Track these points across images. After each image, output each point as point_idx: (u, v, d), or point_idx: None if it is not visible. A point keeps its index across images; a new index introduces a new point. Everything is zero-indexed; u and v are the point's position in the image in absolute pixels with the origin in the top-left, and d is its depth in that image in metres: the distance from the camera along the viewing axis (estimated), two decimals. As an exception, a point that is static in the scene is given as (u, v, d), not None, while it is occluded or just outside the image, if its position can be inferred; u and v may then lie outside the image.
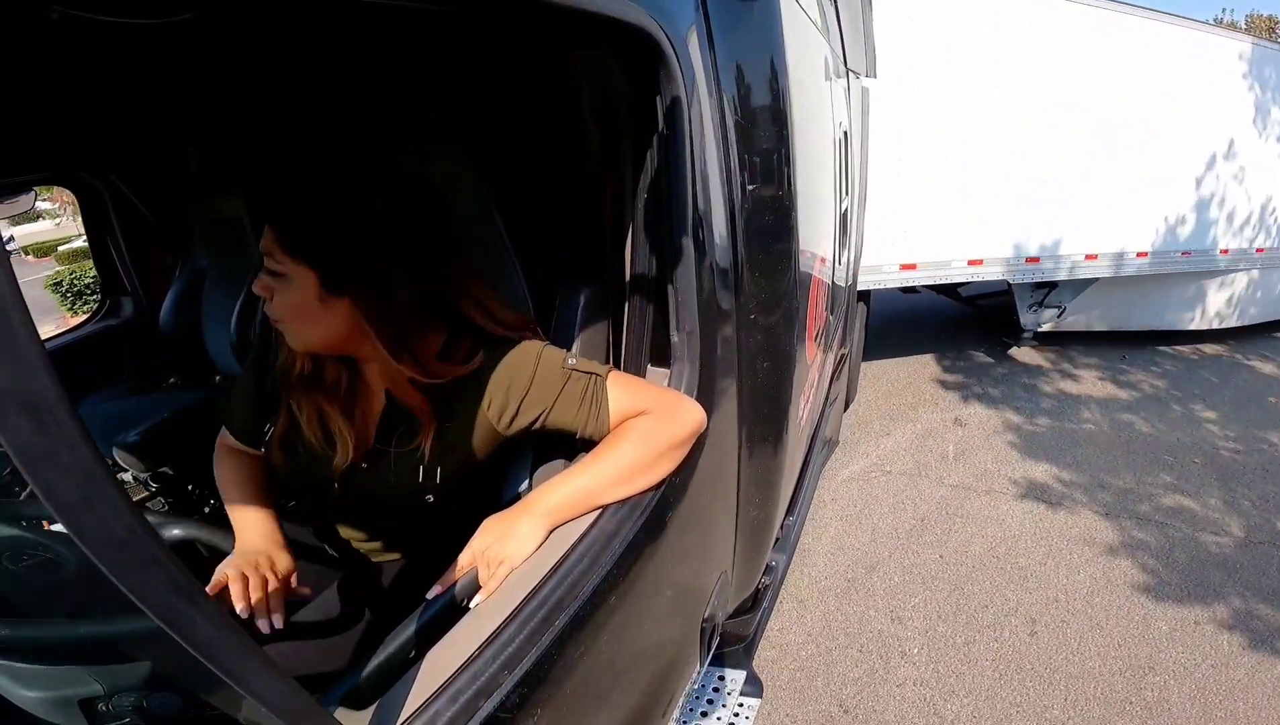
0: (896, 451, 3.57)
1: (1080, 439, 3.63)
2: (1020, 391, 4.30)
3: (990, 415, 3.95)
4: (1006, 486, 3.17)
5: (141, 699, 0.65)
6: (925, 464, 3.42)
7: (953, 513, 2.96)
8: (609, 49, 0.89)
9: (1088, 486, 3.15)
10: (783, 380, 1.23)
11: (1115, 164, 4.20)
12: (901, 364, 4.84)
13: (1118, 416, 3.90)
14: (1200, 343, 5.11)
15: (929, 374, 4.64)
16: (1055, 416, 3.92)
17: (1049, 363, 4.75)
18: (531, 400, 0.89)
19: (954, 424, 3.85)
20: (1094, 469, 3.31)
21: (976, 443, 3.61)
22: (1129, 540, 2.73)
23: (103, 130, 1.85)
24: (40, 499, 0.31)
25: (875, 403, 4.20)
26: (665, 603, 0.98)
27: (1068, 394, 4.24)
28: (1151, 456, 3.42)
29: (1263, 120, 4.53)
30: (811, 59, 1.56)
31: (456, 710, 0.60)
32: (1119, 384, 4.39)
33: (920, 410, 4.09)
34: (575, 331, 1.05)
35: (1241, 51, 4.38)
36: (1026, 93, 3.95)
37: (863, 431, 3.79)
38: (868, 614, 2.33)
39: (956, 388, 4.38)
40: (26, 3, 0.71)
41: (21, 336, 0.29)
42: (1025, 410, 4.00)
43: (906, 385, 4.46)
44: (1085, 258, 4.36)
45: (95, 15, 0.82)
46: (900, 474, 3.31)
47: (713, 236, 0.95)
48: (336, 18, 1.10)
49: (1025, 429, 3.76)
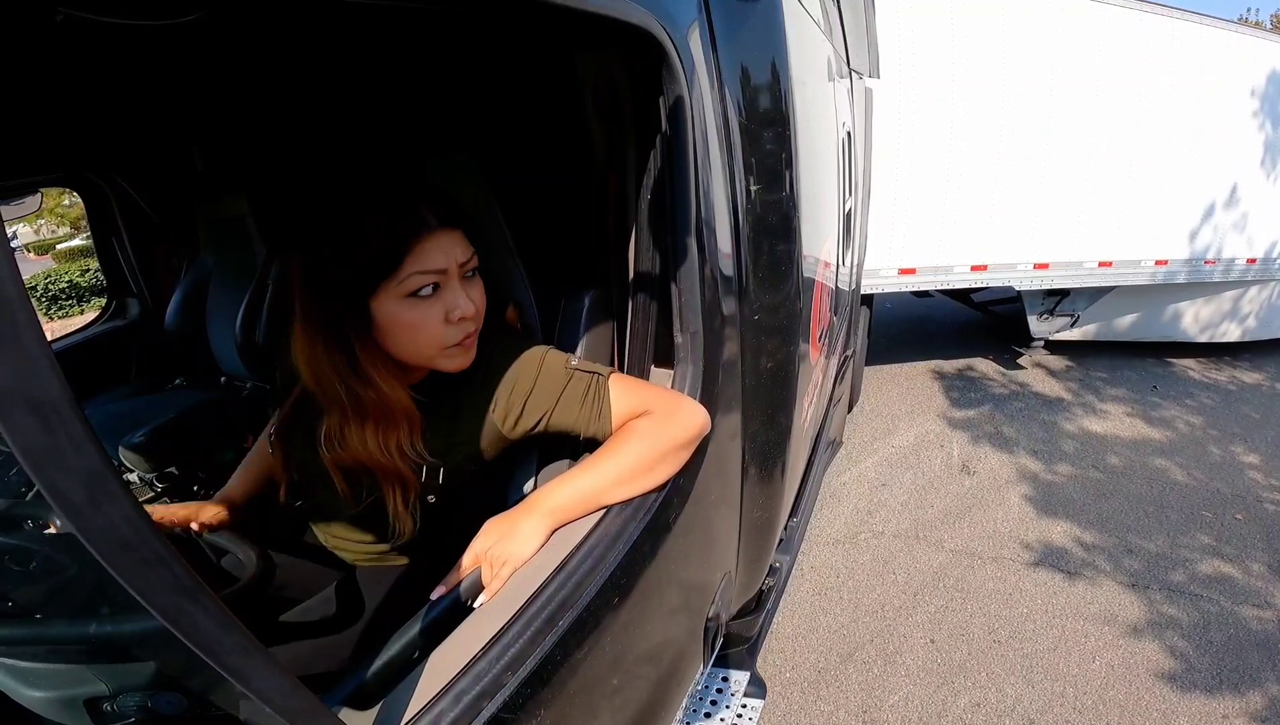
0: (890, 505, 3.07)
1: (1106, 491, 3.13)
2: (1038, 430, 3.76)
3: (1003, 461, 3.42)
4: (1018, 552, 2.71)
5: (146, 699, 0.65)
6: (923, 522, 2.93)
7: (951, 585, 2.52)
8: (612, 50, 0.89)
9: (1113, 551, 2.70)
10: (786, 381, 1.23)
11: (1133, 168, 3.99)
12: (905, 386, 4.38)
13: (1149, 462, 3.38)
14: (1237, 368, 4.63)
15: (935, 406, 4.09)
16: (1078, 462, 3.40)
17: (1070, 394, 4.23)
18: (535, 402, 0.90)
19: (960, 472, 3.33)
20: (1121, 528, 2.85)
21: (986, 495, 3.12)
22: (1157, 617, 2.32)
23: (108, 132, 1.86)
24: (46, 499, 0.31)
25: (868, 442, 3.65)
26: (669, 603, 0.98)
27: (1092, 434, 3.69)
28: (1188, 512, 2.95)
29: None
30: (814, 59, 1.55)
31: (460, 711, 0.60)
32: (1150, 421, 3.85)
33: (922, 453, 3.54)
34: (580, 333, 1.05)
35: (1272, 52, 4.14)
36: (1036, 92, 3.79)
37: (853, 480, 3.26)
38: (835, 715, 1.98)
39: (965, 425, 3.83)
40: (32, 5, 0.71)
41: (28, 337, 0.29)
42: (1044, 454, 3.48)
43: (908, 417, 3.95)
44: (1099, 265, 4.13)
45: (101, 17, 0.82)
46: (893, 535, 2.84)
47: (716, 237, 0.95)
48: (340, 19, 1.10)
49: (1043, 478, 3.24)
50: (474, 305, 0.86)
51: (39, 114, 1.47)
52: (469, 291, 0.87)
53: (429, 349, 0.86)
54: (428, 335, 0.85)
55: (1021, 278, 4.09)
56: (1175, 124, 4.00)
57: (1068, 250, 4.08)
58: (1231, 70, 4.06)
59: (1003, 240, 3.99)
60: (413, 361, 0.89)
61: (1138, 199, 4.07)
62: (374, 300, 0.83)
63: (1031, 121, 3.84)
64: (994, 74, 3.76)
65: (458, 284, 0.85)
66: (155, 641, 0.65)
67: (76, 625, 0.67)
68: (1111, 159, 3.97)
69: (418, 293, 0.83)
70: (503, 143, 1.28)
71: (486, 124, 1.37)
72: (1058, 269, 4.10)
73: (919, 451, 3.57)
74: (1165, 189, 4.09)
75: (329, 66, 1.41)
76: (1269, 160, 4.25)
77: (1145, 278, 4.26)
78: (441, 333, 0.85)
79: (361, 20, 1.10)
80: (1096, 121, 3.89)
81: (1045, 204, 3.97)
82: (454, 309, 0.85)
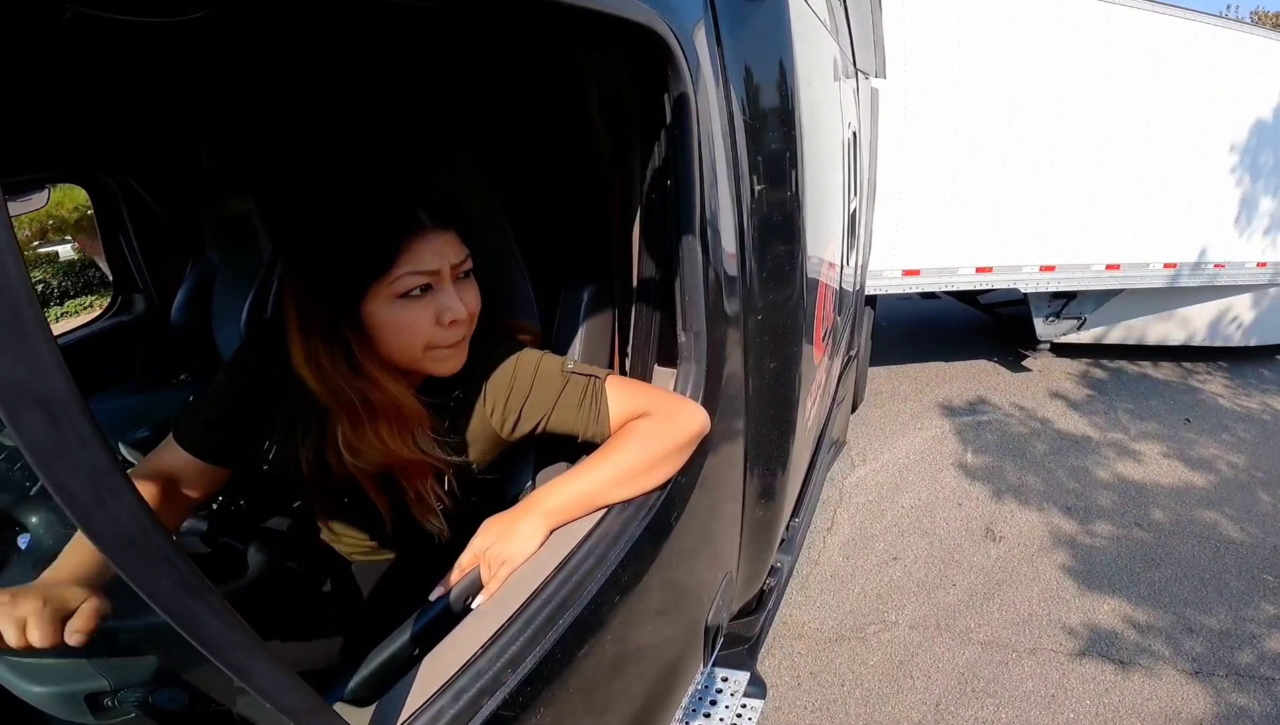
0: (903, 587, 2.49)
1: (1155, 555, 2.70)
2: (1067, 478, 3.27)
3: (1032, 521, 2.92)
4: (1059, 639, 2.25)
5: (147, 694, 0.66)
6: (944, 607, 2.39)
7: (983, 689, 2.04)
8: (616, 49, 0.89)
9: (1170, 630, 2.29)
10: (790, 380, 1.23)
11: (1142, 170, 3.96)
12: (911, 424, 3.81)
13: (1198, 516, 2.98)
14: (1266, 393, 4.35)
15: (946, 452, 3.48)
16: (1118, 519, 2.94)
17: (1097, 431, 3.77)
18: (532, 406, 0.90)
19: (984, 537, 2.80)
20: (1177, 600, 2.44)
21: (1016, 567, 2.62)
22: (1227, 710, 1.98)
23: (115, 128, 1.87)
24: (52, 495, 0.31)
25: (874, 503, 3.04)
26: (669, 603, 0.98)
27: (1130, 482, 3.24)
28: (1248, 577, 2.57)
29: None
30: (820, 59, 1.55)
31: (460, 708, 0.61)
32: (1190, 463, 3.43)
33: (936, 514, 2.94)
34: (578, 329, 1.06)
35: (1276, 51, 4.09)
36: (1044, 93, 3.76)
37: (857, 554, 2.67)
38: None
39: (983, 476, 3.27)
40: (40, 2, 0.72)
41: (34, 334, 0.30)
42: (1078, 511, 2.99)
43: (916, 466, 3.34)
44: (1106, 268, 4.09)
45: (108, 14, 0.82)
46: (909, 626, 2.30)
47: (720, 237, 0.95)
48: (346, 17, 1.11)
49: (1081, 542, 2.77)
50: (466, 308, 0.85)
51: (46, 110, 1.47)
52: (463, 294, 0.85)
53: (417, 351, 0.85)
54: (417, 336, 0.84)
55: (1027, 280, 4.05)
56: (1184, 126, 3.96)
57: (1074, 252, 4.04)
58: (1242, 72, 4.01)
59: (1008, 242, 3.96)
60: (401, 363, 0.87)
61: (1146, 202, 4.03)
62: (366, 301, 0.82)
63: (1039, 123, 3.81)
64: (1002, 75, 3.73)
65: (450, 286, 0.84)
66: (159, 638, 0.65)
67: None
68: (1119, 161, 3.93)
69: (409, 293, 0.82)
70: (506, 141, 1.28)
71: (490, 122, 1.37)
72: (1064, 271, 4.06)
73: (932, 512, 2.99)
74: (1174, 192, 4.06)
75: (334, 65, 1.42)
76: (1277, 162, 4.21)
77: (1154, 281, 4.22)
78: (431, 334, 0.84)
79: (366, 19, 1.11)
80: (1105, 123, 3.86)
81: (1052, 206, 3.93)
82: (445, 311, 0.83)
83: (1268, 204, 4.29)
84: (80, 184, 2.28)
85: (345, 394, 0.85)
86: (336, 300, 0.82)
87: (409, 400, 0.87)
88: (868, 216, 3.32)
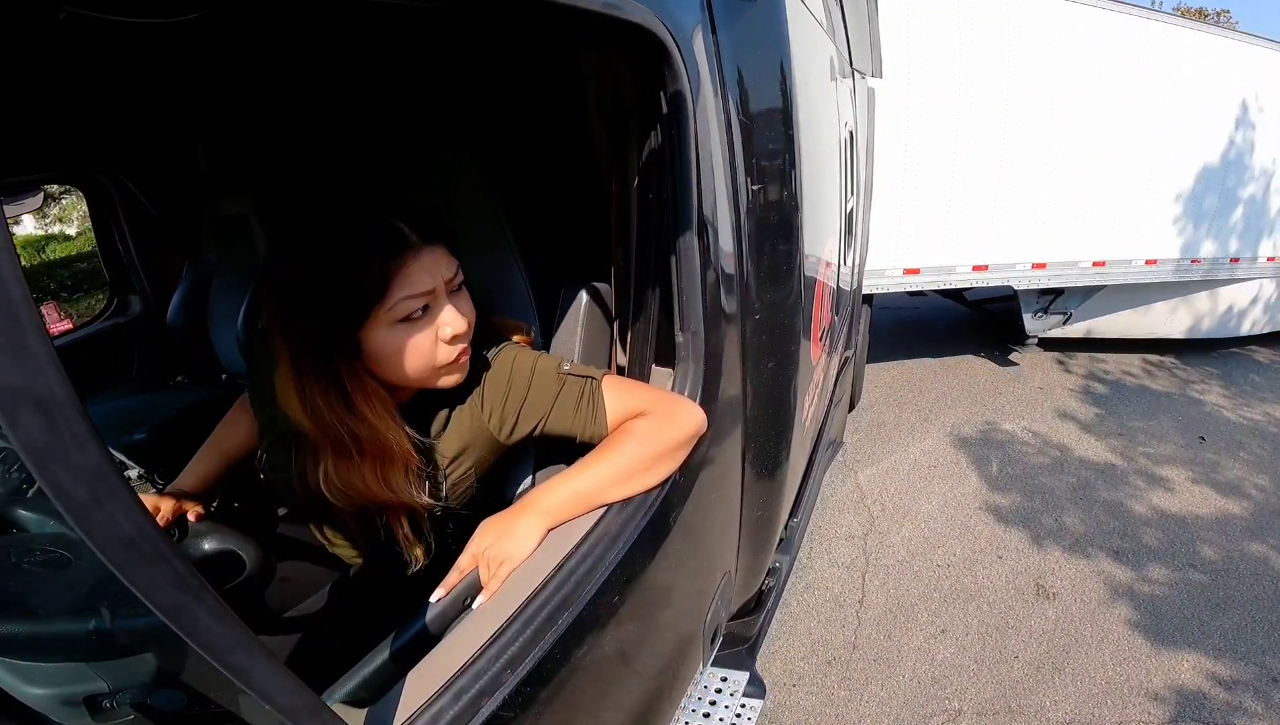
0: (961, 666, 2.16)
1: (1218, 598, 2.49)
2: (1105, 516, 3.00)
3: (1083, 570, 2.63)
4: (1147, 708, 2.01)
5: (146, 696, 0.66)
6: (1010, 684, 2.09)
7: None
8: (614, 49, 0.89)
9: (1257, 684, 2.08)
10: (787, 380, 1.23)
11: (1123, 169, 4.11)
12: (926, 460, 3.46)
13: (1245, 549, 2.80)
14: (1266, 402, 4.29)
15: (971, 492, 3.15)
16: (1169, 560, 2.71)
17: (1119, 457, 3.54)
18: (529, 409, 0.91)
19: (1036, 595, 2.49)
20: (1254, 649, 2.23)
21: (1080, 628, 2.31)
22: None
23: (111, 129, 1.86)
24: (49, 496, 0.31)
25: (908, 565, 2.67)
26: (668, 602, 0.98)
27: (1168, 515, 3.04)
28: None
29: (1275, 126, 4.42)
30: (817, 58, 1.55)
31: (460, 709, 0.61)
32: (1219, 488, 3.26)
33: (978, 572, 2.61)
34: (578, 331, 1.06)
35: (1253, 55, 4.30)
36: (1035, 96, 3.87)
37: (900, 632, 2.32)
38: None
39: (1018, 520, 2.94)
40: (36, 3, 0.72)
41: (31, 335, 0.30)
42: (1127, 554, 2.74)
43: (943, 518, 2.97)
44: (1093, 265, 4.25)
45: (104, 15, 0.82)
46: (976, 713, 2.00)
47: (717, 236, 0.95)
48: (343, 17, 1.10)
49: (1140, 591, 2.52)
50: (465, 320, 0.84)
51: (42, 111, 1.47)
52: (459, 306, 0.84)
53: (425, 371, 0.83)
54: (422, 357, 0.82)
55: (1020, 277, 4.18)
56: (1165, 127, 4.13)
57: (1064, 250, 4.19)
58: (1219, 75, 4.20)
59: (1003, 241, 4.07)
60: (408, 384, 0.86)
61: (1129, 200, 4.21)
62: (364, 331, 0.80)
63: (1033, 125, 3.92)
64: (998, 78, 3.82)
65: (447, 301, 0.83)
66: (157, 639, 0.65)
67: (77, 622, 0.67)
68: (1105, 161, 4.08)
69: (409, 317, 0.80)
70: (505, 141, 1.28)
71: (489, 123, 1.37)
72: (1054, 268, 4.20)
73: (972, 568, 2.65)
74: (1155, 190, 4.25)
75: (332, 65, 1.41)
76: (1254, 164, 4.44)
77: (1136, 276, 4.40)
78: (435, 353, 0.82)
79: (364, 19, 1.10)
80: (1094, 124, 3.99)
81: (1045, 205, 4.06)
82: (445, 327, 0.82)
83: (1241, 202, 4.50)
84: (76, 185, 2.27)
85: (335, 430, 0.84)
86: (330, 333, 0.80)
87: (399, 440, 0.86)
88: (864, 215, 3.33)
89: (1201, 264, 4.49)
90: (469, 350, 0.87)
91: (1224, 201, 4.41)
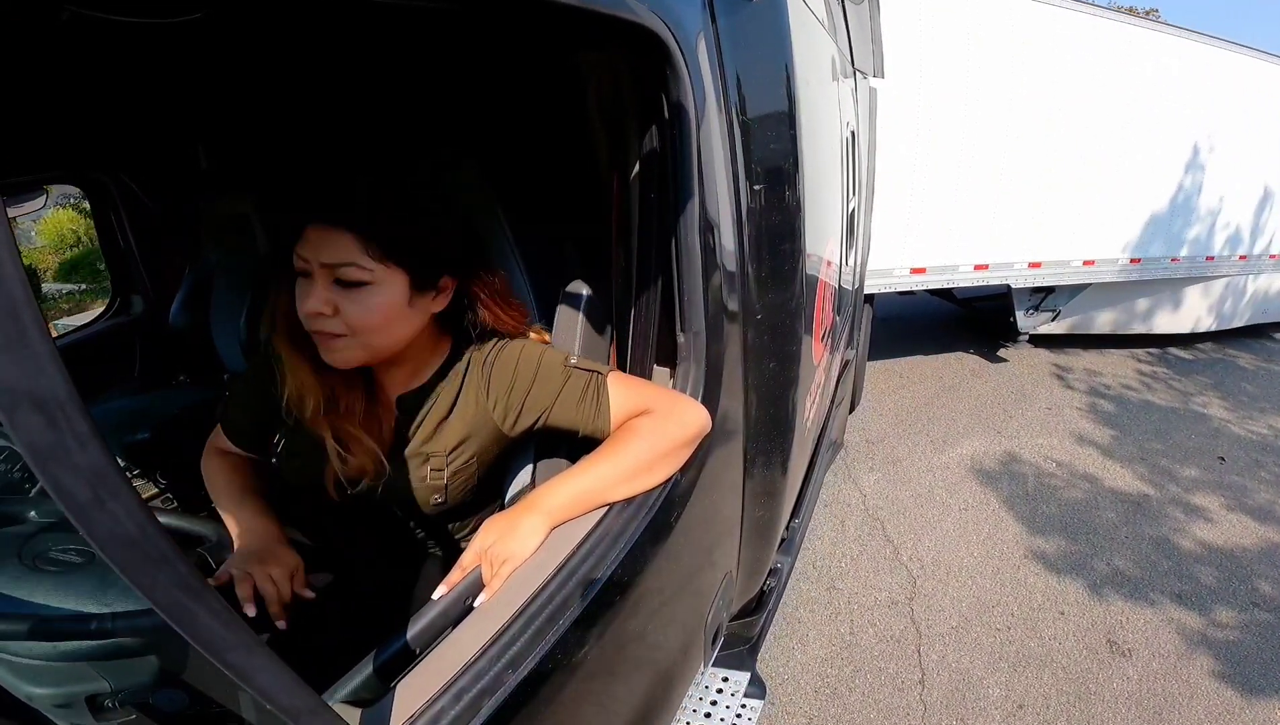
0: None
1: None
2: (1155, 555, 2.83)
3: (1152, 620, 2.44)
4: None
5: (148, 696, 0.66)
6: None
7: None
8: (616, 49, 0.89)
9: None
10: (789, 381, 1.23)
11: (1112, 171, 4.28)
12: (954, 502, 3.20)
13: None
14: (1267, 414, 4.22)
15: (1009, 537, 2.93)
16: (1232, 601, 2.57)
17: (1151, 487, 3.37)
18: (533, 400, 0.91)
19: (1110, 652, 2.30)
20: None
21: (1167, 687, 2.15)
22: None
23: (113, 129, 1.87)
24: (51, 496, 0.31)
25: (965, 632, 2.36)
26: (670, 603, 0.98)
27: (1218, 550, 2.88)
28: None
29: (1249, 130, 4.66)
30: (819, 58, 1.55)
31: (461, 708, 0.61)
32: (1257, 516, 3.13)
33: (1042, 627, 2.39)
34: (578, 331, 1.05)
35: (1232, 62, 4.50)
36: (1036, 98, 3.97)
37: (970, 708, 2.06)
38: None
39: (1069, 566, 2.73)
40: (38, 3, 0.72)
41: (33, 335, 0.29)
42: (1190, 598, 2.57)
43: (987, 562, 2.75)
44: (1083, 263, 4.44)
45: (106, 15, 0.82)
46: None
47: (719, 237, 0.95)
48: (344, 18, 1.11)
49: (1214, 638, 2.36)
50: (324, 310, 0.81)
51: (44, 111, 1.47)
52: (337, 299, 0.81)
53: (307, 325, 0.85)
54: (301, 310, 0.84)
55: (1017, 276, 4.33)
56: (1152, 133, 4.32)
57: (1058, 249, 4.35)
58: (1202, 80, 4.40)
59: (1003, 240, 4.18)
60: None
61: (1116, 201, 4.40)
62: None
63: (1034, 126, 4.02)
64: (1003, 83, 3.90)
65: (320, 284, 0.81)
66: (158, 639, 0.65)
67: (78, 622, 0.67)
68: (1095, 163, 4.23)
69: (301, 272, 0.83)
70: (505, 141, 1.28)
71: (489, 122, 1.37)
72: (1049, 267, 4.37)
73: (1036, 630, 2.38)
74: (1139, 193, 4.46)
75: (332, 65, 1.42)
76: (1227, 167, 4.65)
77: (1124, 275, 4.63)
78: (303, 318, 0.84)
79: (364, 19, 1.11)
80: (1087, 128, 4.15)
81: (1043, 206, 4.19)
82: (302, 301, 0.82)
83: (1215, 203, 4.74)
84: (78, 185, 2.28)
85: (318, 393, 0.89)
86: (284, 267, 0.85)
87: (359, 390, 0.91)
88: (866, 216, 3.34)
89: (1179, 263, 4.75)
90: (335, 342, 0.84)
91: (1199, 203, 4.68)
